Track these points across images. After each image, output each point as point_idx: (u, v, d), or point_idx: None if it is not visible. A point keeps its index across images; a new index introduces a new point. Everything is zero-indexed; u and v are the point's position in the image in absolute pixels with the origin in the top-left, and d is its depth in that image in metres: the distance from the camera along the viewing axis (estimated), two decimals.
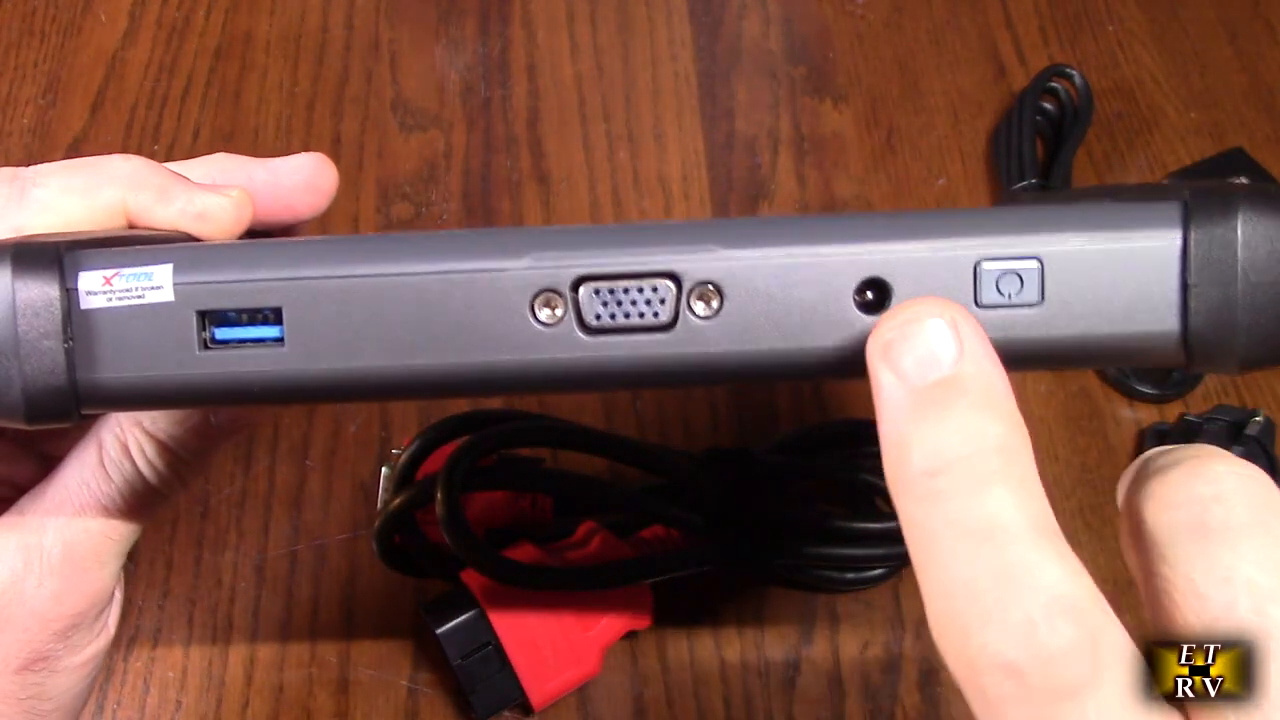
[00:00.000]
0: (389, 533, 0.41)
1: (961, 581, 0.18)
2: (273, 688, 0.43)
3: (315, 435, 0.48)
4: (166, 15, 0.62)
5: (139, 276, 0.22)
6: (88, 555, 0.28)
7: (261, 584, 0.45)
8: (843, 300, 0.22)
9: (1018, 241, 0.22)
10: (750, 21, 0.63)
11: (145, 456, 0.28)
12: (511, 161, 0.57)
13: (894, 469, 0.20)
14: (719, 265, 0.22)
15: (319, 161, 0.30)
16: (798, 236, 0.22)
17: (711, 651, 0.43)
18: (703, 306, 0.22)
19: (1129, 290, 0.22)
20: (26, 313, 0.22)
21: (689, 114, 0.59)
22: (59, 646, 0.28)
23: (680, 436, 0.49)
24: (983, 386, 0.19)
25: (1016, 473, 0.19)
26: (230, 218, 0.28)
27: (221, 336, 0.23)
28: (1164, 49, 0.61)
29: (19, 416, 0.22)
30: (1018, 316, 0.22)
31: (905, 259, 0.22)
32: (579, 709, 0.42)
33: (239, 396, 0.23)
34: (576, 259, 0.22)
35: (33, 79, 0.59)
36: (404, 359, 0.22)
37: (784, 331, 0.22)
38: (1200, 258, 0.21)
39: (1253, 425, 0.48)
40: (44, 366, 0.22)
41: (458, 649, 0.40)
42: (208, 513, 0.47)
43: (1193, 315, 0.21)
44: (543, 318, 0.22)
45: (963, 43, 0.62)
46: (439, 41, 0.61)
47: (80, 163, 0.28)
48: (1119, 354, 0.22)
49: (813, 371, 0.23)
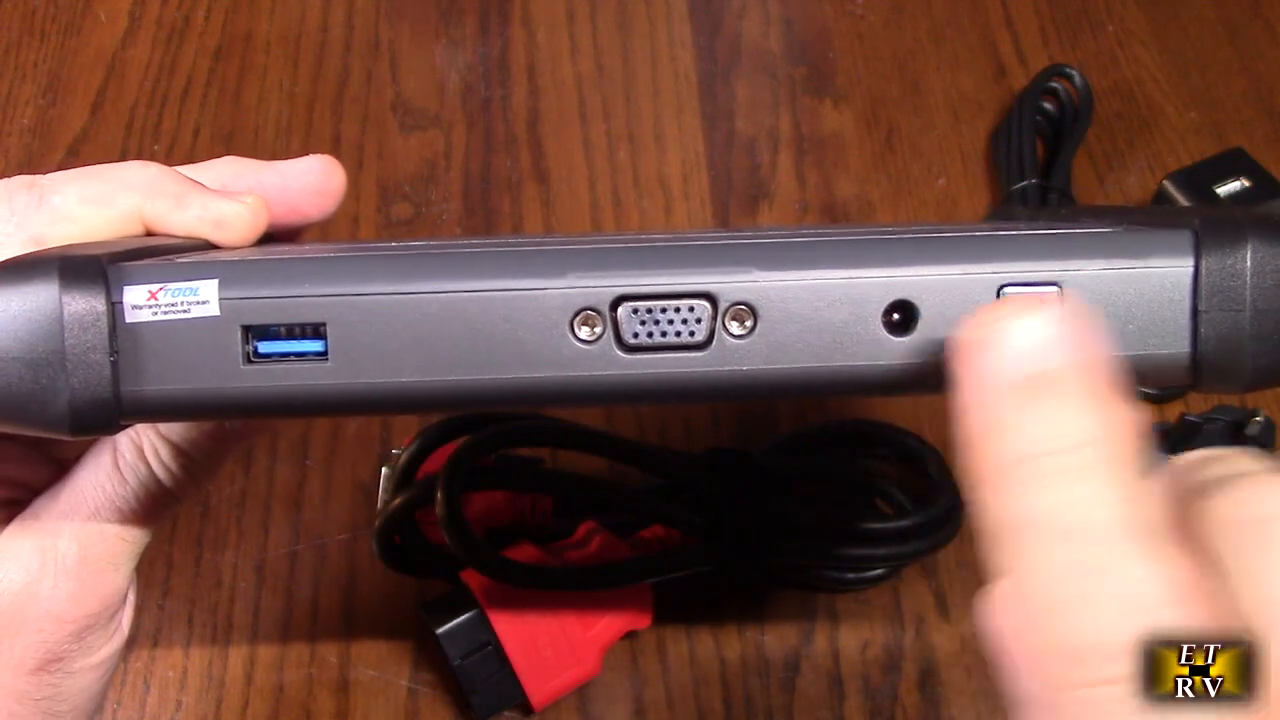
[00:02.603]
0: (389, 533, 0.41)
1: (1041, 569, 0.18)
2: (273, 688, 0.43)
3: (315, 435, 0.48)
4: (166, 15, 0.62)
5: (185, 291, 0.23)
6: (102, 557, 0.28)
7: (261, 584, 0.45)
8: (871, 321, 0.23)
9: (1038, 267, 0.23)
10: (750, 21, 0.63)
11: (160, 459, 0.28)
12: (511, 161, 0.57)
13: (979, 459, 0.20)
14: (754, 287, 0.23)
15: (327, 164, 0.30)
16: (829, 259, 0.23)
17: (711, 651, 0.43)
18: (737, 326, 0.23)
19: (1142, 315, 0.23)
20: (74, 326, 0.22)
21: (689, 114, 0.59)
22: (74, 648, 0.28)
23: (680, 436, 0.48)
24: (1080, 380, 0.19)
25: (1107, 469, 0.19)
26: (247, 225, 0.28)
27: (265, 350, 0.23)
28: (1164, 49, 0.61)
29: (64, 428, 0.22)
30: None
31: (932, 283, 0.23)
32: (579, 709, 0.42)
33: (281, 410, 0.23)
34: (616, 279, 0.23)
35: (33, 79, 0.59)
36: (445, 374, 0.23)
37: (815, 351, 0.23)
38: (1211, 285, 0.22)
39: (1253, 425, 0.48)
40: (90, 379, 0.22)
41: (458, 649, 0.40)
42: (208, 513, 0.46)
43: (1202, 341, 0.22)
44: (582, 335, 0.23)
45: (963, 43, 0.62)
46: (439, 41, 0.61)
47: (97, 170, 0.28)
48: (1132, 376, 0.23)
49: (842, 390, 0.23)
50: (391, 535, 0.41)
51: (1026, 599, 0.19)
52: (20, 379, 0.22)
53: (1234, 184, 0.54)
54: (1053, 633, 0.18)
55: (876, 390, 0.23)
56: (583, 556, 0.41)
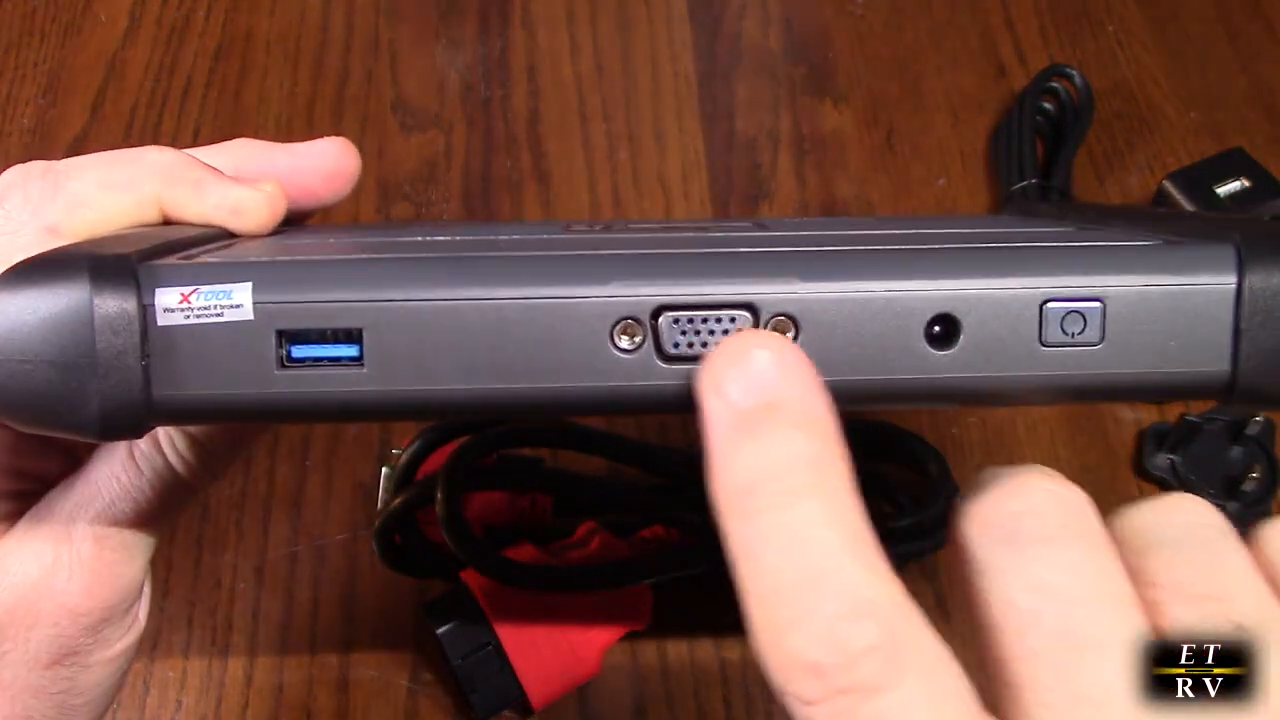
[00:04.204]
0: (389, 533, 0.41)
1: (771, 589, 0.19)
2: (273, 688, 0.43)
3: (315, 435, 0.48)
4: (166, 15, 0.62)
5: (218, 295, 0.22)
6: (117, 549, 0.27)
7: (261, 585, 0.45)
8: (914, 334, 0.22)
9: (1082, 281, 0.22)
10: (750, 21, 0.63)
11: (177, 451, 0.27)
12: (511, 161, 0.57)
13: (716, 489, 0.20)
14: (795, 298, 0.22)
15: (342, 146, 0.30)
16: (872, 271, 0.23)
17: (711, 651, 0.43)
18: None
19: (1184, 331, 0.22)
20: (105, 329, 0.22)
21: (689, 114, 0.59)
22: (89, 641, 0.28)
23: (680, 436, 0.48)
24: (798, 409, 0.20)
25: (828, 486, 0.20)
26: (264, 213, 0.28)
27: (299, 355, 0.22)
28: (1164, 49, 0.61)
29: (93, 432, 0.22)
30: (1080, 355, 0.23)
31: (975, 296, 0.22)
32: (579, 709, 0.42)
33: (315, 415, 0.23)
34: (657, 288, 0.22)
35: (33, 79, 0.59)
36: (483, 382, 0.23)
37: (856, 363, 0.23)
38: (1252, 303, 0.22)
39: (1253, 425, 0.48)
40: (121, 383, 0.22)
41: (458, 649, 0.40)
42: (208, 513, 0.46)
43: (1243, 359, 0.22)
44: (622, 344, 0.23)
45: (963, 43, 0.62)
46: (439, 41, 0.61)
47: (115, 156, 0.27)
48: (1170, 392, 0.23)
49: (881, 402, 0.23)
50: (391, 535, 0.41)
51: (768, 621, 0.19)
52: (50, 382, 0.21)
53: (1234, 184, 0.54)
54: (792, 649, 0.19)
55: (916, 403, 0.23)
56: (582, 557, 0.41)
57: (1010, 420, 0.50)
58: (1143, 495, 0.48)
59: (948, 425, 0.49)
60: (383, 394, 0.23)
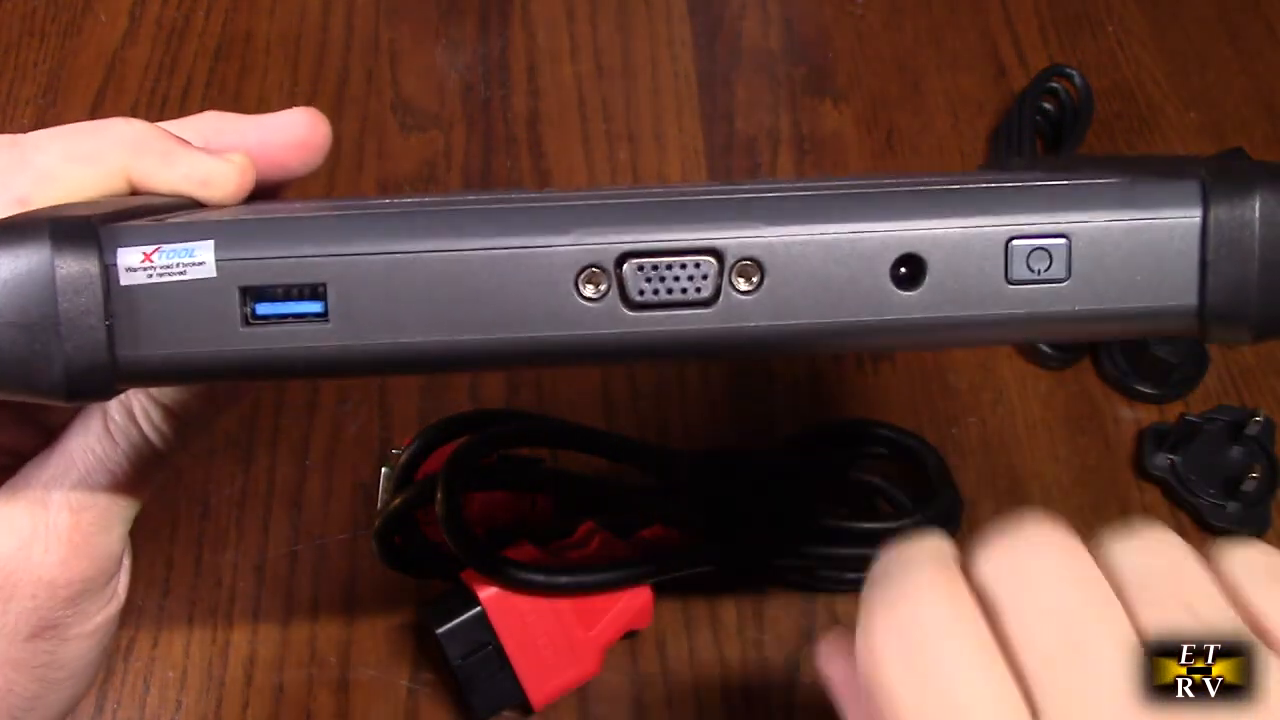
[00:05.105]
0: (389, 533, 0.41)
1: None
2: (273, 688, 0.43)
3: (315, 435, 0.48)
4: (166, 15, 0.62)
5: (180, 253, 0.22)
6: (94, 521, 0.27)
7: (261, 584, 0.45)
8: (880, 276, 0.22)
9: (1046, 219, 0.22)
10: (750, 21, 0.63)
11: (151, 422, 0.27)
12: (511, 161, 0.57)
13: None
14: (760, 242, 0.22)
15: (311, 116, 0.30)
16: (837, 213, 0.23)
17: (712, 652, 0.43)
18: (744, 282, 0.23)
19: (1151, 266, 0.22)
20: (67, 290, 0.22)
21: (689, 114, 0.59)
22: (68, 613, 0.28)
23: (680, 436, 0.48)
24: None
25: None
26: (233, 183, 0.28)
27: (263, 312, 0.22)
28: (1164, 49, 0.61)
29: (59, 394, 0.22)
30: (1046, 292, 0.23)
31: (940, 236, 0.22)
32: (579, 709, 0.42)
33: (281, 372, 0.23)
34: (621, 235, 0.22)
35: (33, 79, 0.59)
36: (448, 334, 0.23)
37: (823, 306, 0.23)
38: (1219, 236, 0.22)
39: (1253, 425, 0.48)
40: (85, 344, 0.22)
41: (458, 649, 0.40)
42: (208, 513, 0.46)
43: (1210, 291, 0.22)
44: (587, 293, 0.23)
45: (963, 43, 0.62)
46: (439, 41, 0.61)
47: (81, 128, 0.27)
48: (1140, 327, 0.23)
49: (850, 345, 0.23)
50: (392, 535, 0.41)
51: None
52: (13, 344, 0.21)
53: None
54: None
55: (885, 344, 0.23)
56: (582, 556, 0.41)
57: (1010, 420, 0.50)
58: (1143, 495, 0.48)
59: (948, 425, 0.49)
60: (348, 349, 0.23)
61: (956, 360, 0.51)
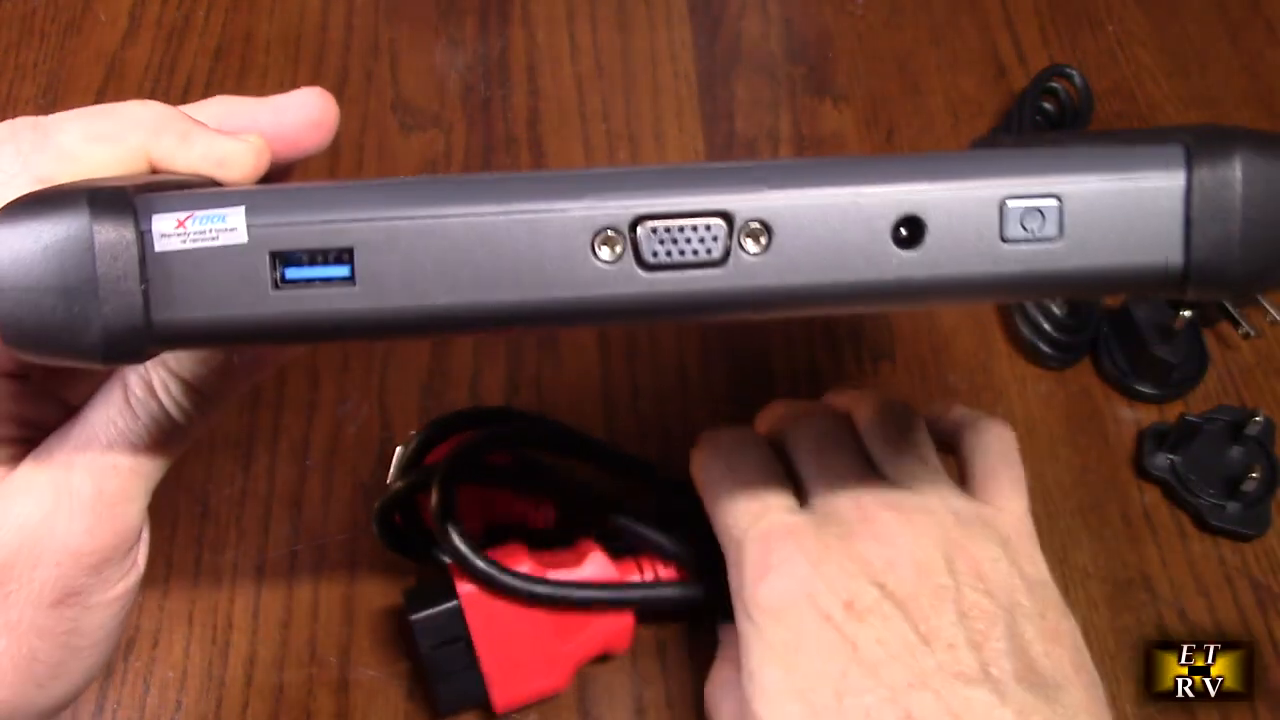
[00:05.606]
0: (389, 511, 0.41)
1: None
2: (273, 688, 0.43)
3: (315, 435, 0.48)
4: (166, 15, 0.62)
5: (213, 219, 0.23)
6: (116, 491, 0.28)
7: (261, 584, 0.45)
8: (881, 236, 0.24)
9: (1039, 182, 0.24)
10: (750, 21, 0.63)
11: (170, 395, 0.28)
12: (511, 161, 0.57)
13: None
14: (767, 204, 0.24)
15: (320, 97, 0.31)
16: (841, 177, 0.24)
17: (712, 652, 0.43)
18: (752, 243, 0.24)
19: (1139, 226, 0.24)
20: (105, 256, 0.22)
21: (689, 114, 0.59)
22: (91, 581, 0.28)
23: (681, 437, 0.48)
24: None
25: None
26: (250, 163, 0.28)
27: (292, 276, 0.23)
28: (1164, 49, 0.61)
29: (96, 356, 0.23)
30: (1039, 250, 0.24)
31: (938, 198, 0.24)
32: (579, 710, 0.42)
33: (309, 334, 0.24)
34: (635, 200, 0.23)
35: (33, 79, 0.59)
36: (470, 296, 0.23)
37: (827, 265, 0.24)
38: (1202, 197, 0.23)
39: (1253, 425, 0.48)
40: (122, 308, 0.23)
41: (428, 638, 0.39)
42: (208, 513, 0.47)
43: (1194, 249, 0.24)
44: (603, 255, 0.24)
45: (963, 43, 0.62)
46: (439, 41, 0.61)
47: (101, 109, 0.28)
48: (1128, 284, 0.24)
49: (854, 303, 0.24)
50: (392, 514, 0.41)
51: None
52: (54, 308, 0.22)
53: None
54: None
55: (887, 303, 0.24)
56: (571, 571, 0.41)
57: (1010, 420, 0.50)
58: (1143, 495, 0.48)
59: None
60: (374, 311, 0.23)
61: (957, 360, 0.51)
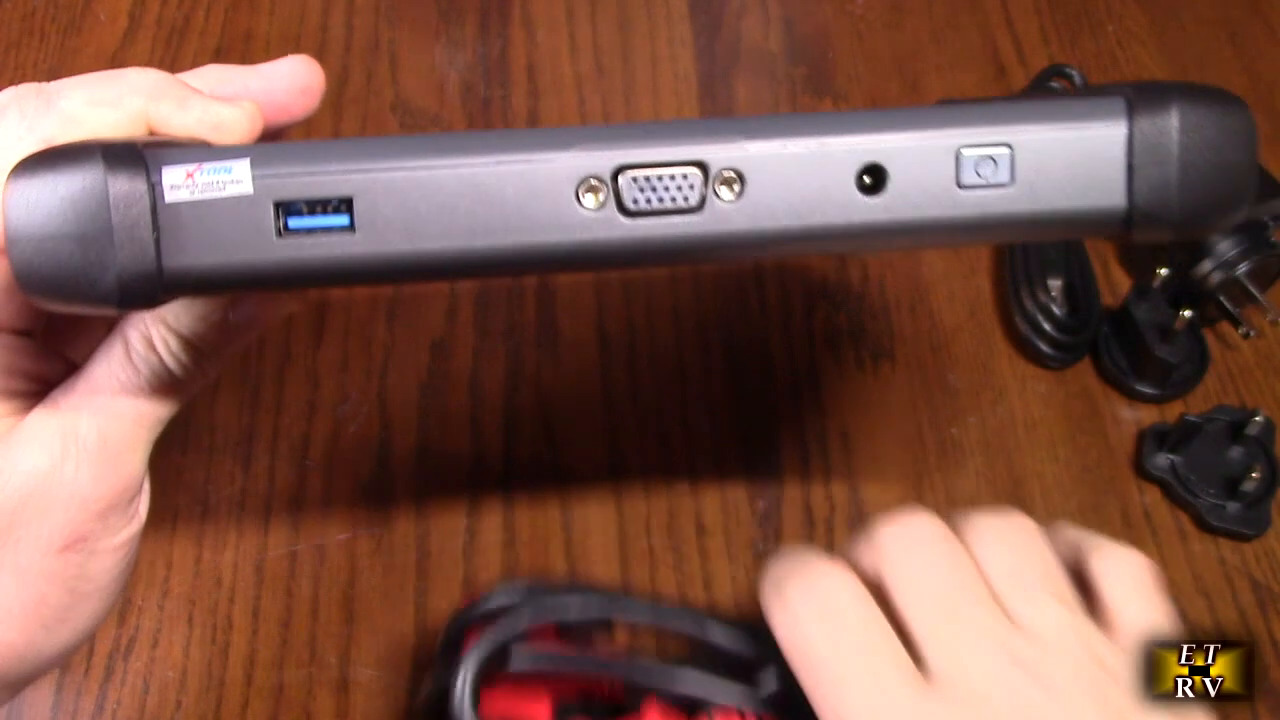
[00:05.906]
0: (433, 714, 0.35)
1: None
2: (273, 688, 0.43)
3: (315, 435, 0.48)
4: (166, 15, 0.62)
5: (219, 170, 0.25)
6: (120, 441, 0.29)
7: (261, 584, 0.45)
8: (846, 183, 0.25)
9: (992, 132, 0.26)
10: (750, 21, 0.63)
11: (169, 350, 0.29)
12: None
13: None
14: (740, 154, 0.25)
15: (307, 64, 0.32)
16: (809, 129, 0.25)
17: None
18: (726, 191, 0.25)
19: (1084, 172, 0.26)
20: (119, 205, 0.24)
21: (689, 114, 0.59)
22: (97, 527, 0.29)
23: (681, 438, 0.48)
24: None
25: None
26: (244, 128, 0.30)
27: (295, 225, 0.25)
28: (1164, 49, 0.61)
29: (112, 302, 0.24)
30: (992, 195, 0.26)
31: (899, 147, 0.25)
32: None
33: (311, 279, 0.25)
34: (617, 150, 0.25)
35: (33, 78, 0.59)
36: (463, 241, 0.25)
37: (797, 211, 0.25)
38: (1142, 143, 0.25)
39: (1253, 425, 0.48)
40: (136, 255, 0.24)
41: None
42: (208, 513, 0.47)
43: (1136, 193, 0.25)
44: (587, 203, 0.25)
45: (963, 43, 0.62)
46: (439, 41, 0.61)
47: (101, 75, 0.29)
48: (1076, 226, 0.26)
49: (822, 246, 0.26)
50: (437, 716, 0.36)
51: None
52: (72, 256, 0.24)
53: None
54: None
55: (852, 246, 0.26)
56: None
57: (1010, 420, 0.50)
58: (1143, 495, 0.48)
59: (948, 425, 0.49)
60: (372, 256, 0.25)
61: (956, 360, 0.51)
